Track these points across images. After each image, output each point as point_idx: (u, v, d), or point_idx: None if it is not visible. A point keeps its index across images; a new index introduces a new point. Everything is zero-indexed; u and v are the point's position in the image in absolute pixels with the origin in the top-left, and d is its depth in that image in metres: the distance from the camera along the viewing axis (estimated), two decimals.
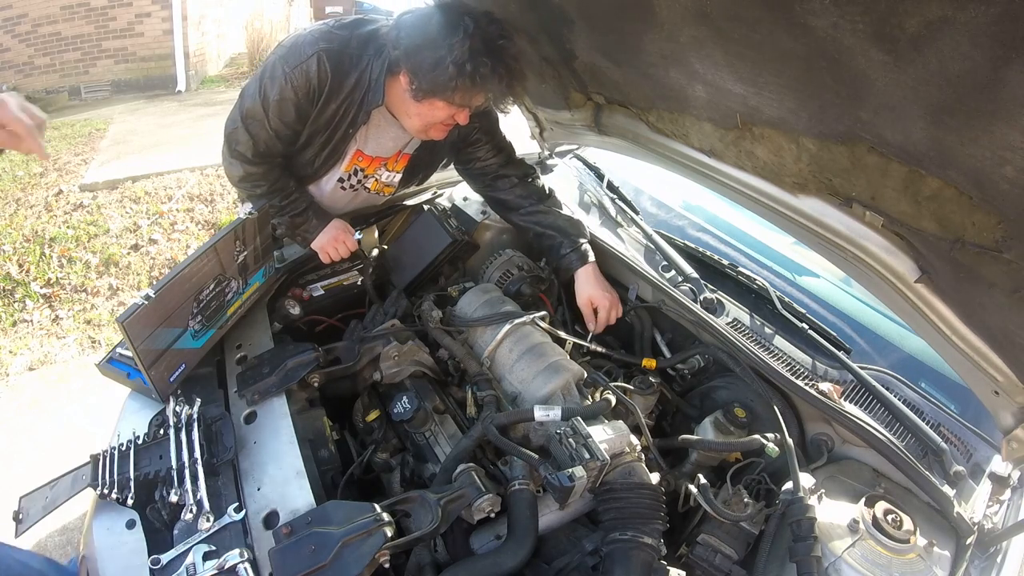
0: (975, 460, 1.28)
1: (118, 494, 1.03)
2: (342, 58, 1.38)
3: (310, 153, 1.56)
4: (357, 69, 1.40)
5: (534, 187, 1.77)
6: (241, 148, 1.49)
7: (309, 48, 1.37)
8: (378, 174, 1.72)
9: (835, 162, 1.04)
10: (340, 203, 1.77)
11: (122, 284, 3.62)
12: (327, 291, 1.68)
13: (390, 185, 1.78)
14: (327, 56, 1.36)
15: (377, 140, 1.60)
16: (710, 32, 0.98)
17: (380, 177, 1.73)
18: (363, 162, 1.64)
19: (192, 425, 1.11)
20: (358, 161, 1.63)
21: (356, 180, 1.69)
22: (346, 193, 1.73)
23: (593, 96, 1.70)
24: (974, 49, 0.65)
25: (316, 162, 1.58)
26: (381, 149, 1.63)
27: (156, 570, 0.95)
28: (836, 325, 1.57)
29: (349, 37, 1.40)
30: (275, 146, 1.50)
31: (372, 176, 1.71)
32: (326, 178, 1.66)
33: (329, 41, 1.38)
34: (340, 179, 1.67)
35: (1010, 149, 0.71)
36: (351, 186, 1.70)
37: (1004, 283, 0.91)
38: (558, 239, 1.68)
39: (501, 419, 1.18)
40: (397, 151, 1.67)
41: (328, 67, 1.37)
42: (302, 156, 1.58)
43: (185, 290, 1.20)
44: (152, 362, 1.16)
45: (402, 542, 0.95)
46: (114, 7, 7.16)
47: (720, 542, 1.10)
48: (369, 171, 1.68)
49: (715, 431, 1.33)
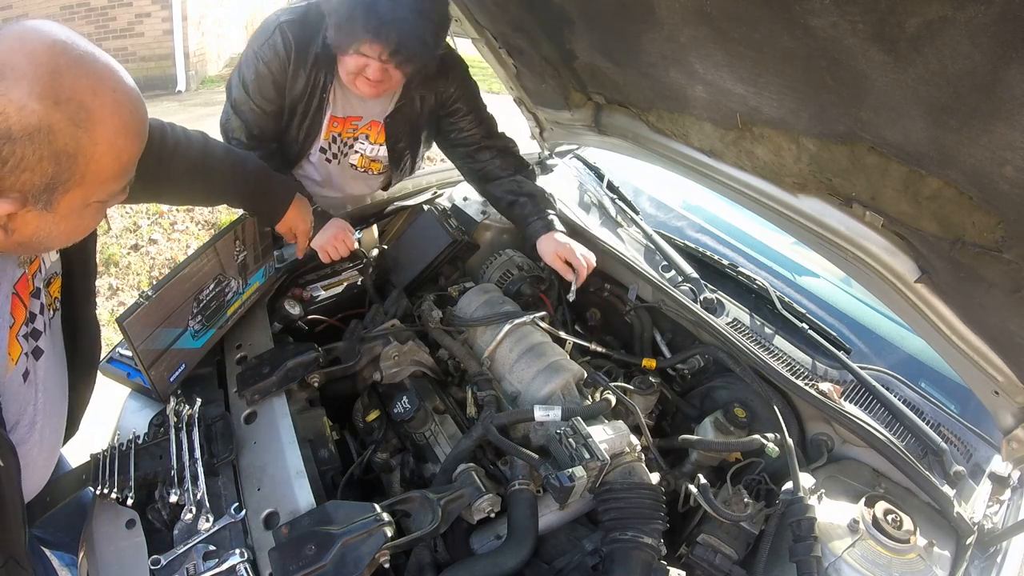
0: (975, 460, 1.28)
1: (118, 494, 1.03)
2: (304, 27, 1.48)
3: (294, 127, 1.64)
4: (319, 34, 1.47)
5: (513, 159, 1.79)
6: (236, 134, 1.59)
7: (272, 24, 1.48)
8: (360, 146, 1.76)
9: (835, 162, 1.04)
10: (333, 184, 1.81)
11: (122, 284, 3.62)
12: (327, 291, 1.68)
13: (377, 160, 1.80)
14: (288, 27, 1.47)
15: (346, 102, 1.66)
16: (710, 32, 0.98)
17: (364, 150, 1.77)
18: (338, 126, 1.69)
19: (192, 425, 1.11)
20: (334, 127, 1.69)
21: (337, 148, 1.74)
22: (333, 167, 1.78)
23: (593, 96, 1.70)
24: (974, 49, 0.65)
25: (300, 136, 1.66)
26: (351, 109, 1.68)
27: (156, 570, 0.95)
28: (836, 325, 1.57)
29: (307, 7, 1.49)
30: (266, 125, 1.60)
31: (354, 146, 1.75)
32: (311, 152, 1.73)
33: (291, 13, 1.49)
34: (322, 149, 1.72)
35: (1010, 149, 0.71)
36: (334, 155, 1.75)
37: (1004, 283, 0.91)
38: (529, 207, 1.69)
39: (501, 419, 1.18)
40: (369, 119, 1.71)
41: (291, 37, 1.47)
42: (288, 134, 1.66)
43: (185, 290, 1.20)
44: (152, 362, 1.16)
45: (402, 542, 0.95)
46: (114, 7, 7.15)
47: (720, 542, 1.10)
48: (345, 134, 1.71)
49: (715, 431, 1.33)
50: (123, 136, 0.74)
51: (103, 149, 0.72)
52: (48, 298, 0.97)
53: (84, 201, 0.76)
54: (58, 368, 1.02)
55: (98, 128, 0.70)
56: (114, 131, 0.73)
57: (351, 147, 1.76)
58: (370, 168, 1.82)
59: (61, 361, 1.03)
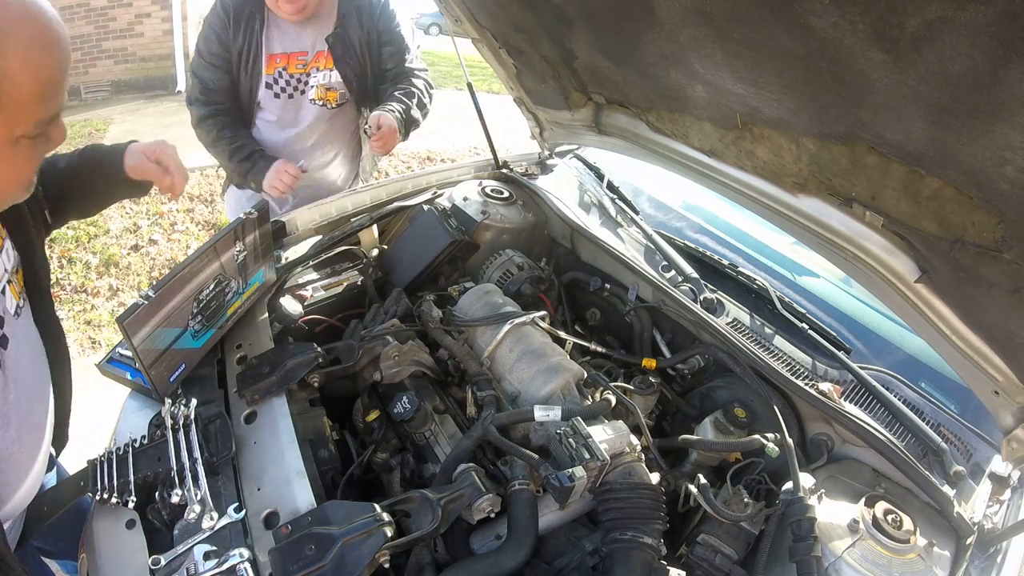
0: (975, 460, 1.28)
1: (119, 498, 1.03)
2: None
3: (241, 74, 1.83)
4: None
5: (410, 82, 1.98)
6: (194, 95, 1.86)
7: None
8: (314, 79, 1.87)
9: (835, 162, 1.04)
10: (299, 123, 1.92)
11: (122, 284, 3.62)
12: (327, 291, 1.68)
13: (332, 88, 1.91)
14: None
15: (284, 37, 1.82)
16: (710, 32, 0.98)
17: (318, 80, 1.88)
18: (281, 61, 1.84)
19: (190, 426, 1.11)
20: (276, 63, 1.84)
21: (285, 83, 1.86)
22: (285, 102, 1.88)
23: (593, 96, 1.70)
24: (974, 49, 0.65)
25: (245, 77, 1.83)
26: (291, 45, 1.83)
27: (156, 570, 0.94)
28: (836, 325, 1.57)
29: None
30: (216, 80, 1.83)
31: (308, 81, 1.87)
32: (260, 92, 1.86)
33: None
34: (268, 84, 1.86)
35: (1010, 149, 0.71)
36: (283, 90, 1.87)
37: (1004, 283, 0.91)
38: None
39: (501, 419, 1.18)
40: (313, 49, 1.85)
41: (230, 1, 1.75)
42: (239, 85, 1.86)
43: (185, 290, 1.20)
44: (152, 362, 1.16)
45: (402, 542, 0.95)
46: (114, 7, 7.15)
47: (720, 542, 1.10)
48: (293, 68, 1.83)
49: (715, 431, 1.33)
50: (37, 49, 0.68)
51: (16, 65, 0.66)
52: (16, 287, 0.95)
53: (9, 135, 0.71)
54: (34, 365, 1.00)
55: (8, 43, 0.65)
56: (27, 44, 0.67)
57: (306, 83, 1.87)
58: (327, 99, 1.91)
59: (38, 358, 1.02)
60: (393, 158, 6.00)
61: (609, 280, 1.75)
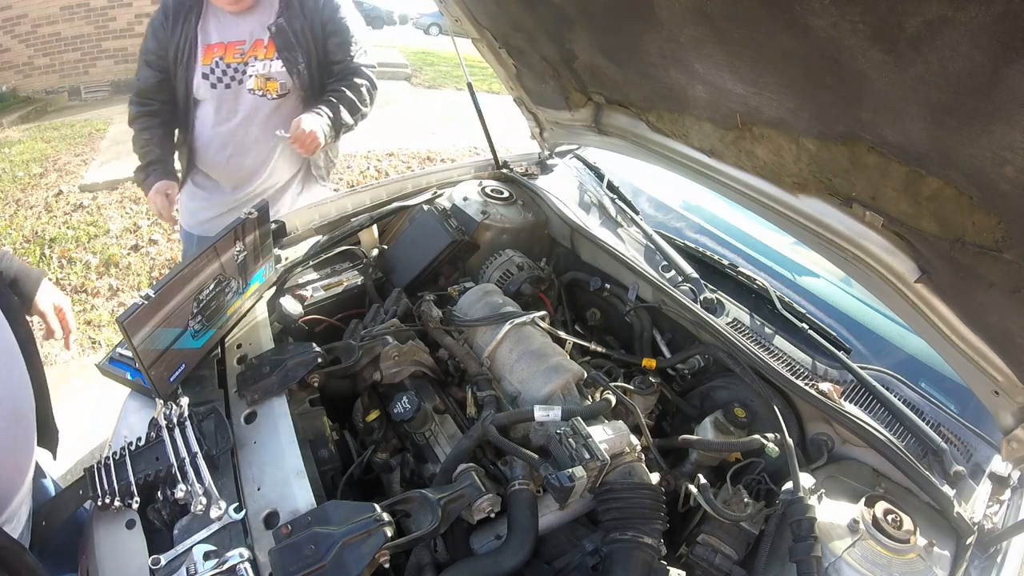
0: (975, 460, 1.28)
1: (121, 501, 1.03)
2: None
3: (179, 71, 1.82)
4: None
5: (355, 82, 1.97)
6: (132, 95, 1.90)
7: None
8: (252, 68, 1.83)
9: (835, 162, 1.04)
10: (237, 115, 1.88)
11: (122, 285, 3.62)
12: (327, 291, 1.68)
13: (272, 78, 1.86)
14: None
15: (222, 27, 1.80)
16: (710, 32, 0.98)
17: (257, 70, 1.84)
18: (218, 51, 1.81)
19: (185, 423, 1.11)
20: (213, 52, 1.81)
21: (222, 72, 1.83)
22: (222, 92, 1.85)
23: (593, 96, 1.70)
24: (974, 49, 0.65)
25: (184, 76, 1.82)
26: (229, 34, 1.81)
27: (156, 570, 0.94)
28: (836, 325, 1.57)
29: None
30: (148, 76, 1.85)
31: (247, 71, 1.83)
32: (196, 84, 1.84)
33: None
34: (204, 75, 1.83)
35: (1010, 149, 0.71)
36: (219, 80, 1.84)
37: (1004, 283, 0.91)
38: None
39: (501, 419, 1.18)
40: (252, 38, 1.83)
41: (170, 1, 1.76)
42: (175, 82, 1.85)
43: (185, 290, 1.20)
44: (152, 362, 1.16)
45: (402, 542, 0.95)
46: (114, 7, 7.16)
47: (720, 542, 1.10)
48: (230, 58, 1.81)
49: (715, 431, 1.33)
50: None
51: None
52: None
53: None
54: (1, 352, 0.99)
55: None
56: None
57: (244, 72, 1.84)
58: (267, 89, 1.86)
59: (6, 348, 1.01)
60: (393, 158, 6.00)
61: (609, 280, 1.75)
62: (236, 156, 1.95)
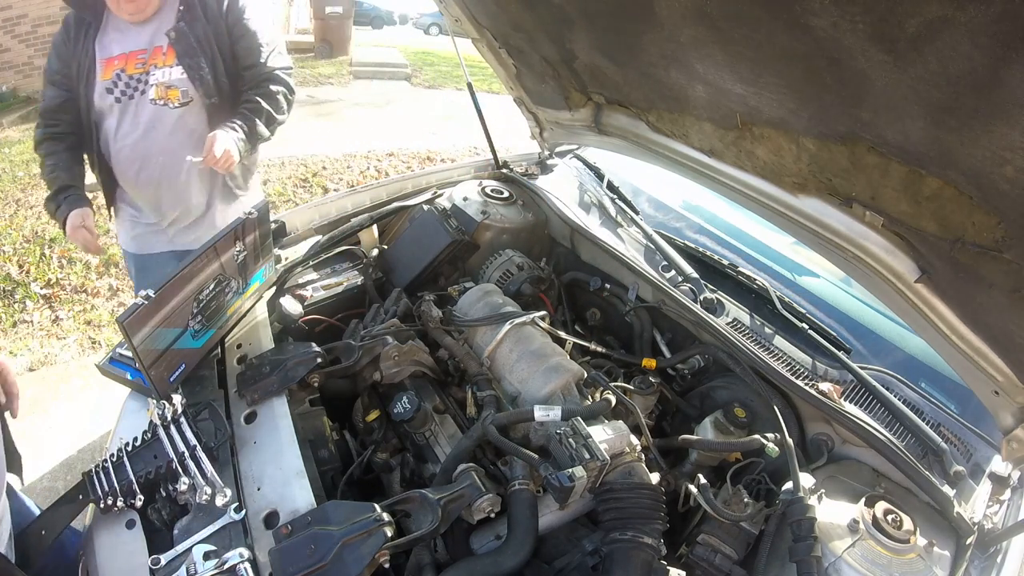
0: (975, 460, 1.28)
1: (124, 501, 1.03)
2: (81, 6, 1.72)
3: (82, 88, 1.75)
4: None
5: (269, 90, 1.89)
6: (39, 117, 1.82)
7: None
8: (154, 77, 1.75)
9: (835, 162, 1.04)
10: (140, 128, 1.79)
11: (122, 285, 3.62)
12: (327, 291, 1.68)
13: (173, 86, 1.77)
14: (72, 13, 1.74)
15: (122, 38, 1.74)
16: (710, 32, 0.98)
17: (158, 78, 1.75)
18: (119, 63, 1.74)
19: (180, 419, 1.12)
20: (114, 65, 1.74)
21: (125, 85, 1.75)
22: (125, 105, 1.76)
23: (593, 96, 1.70)
24: (974, 49, 0.65)
25: (86, 93, 1.75)
26: (129, 44, 1.74)
27: (156, 570, 0.94)
28: (836, 325, 1.57)
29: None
30: (52, 96, 1.78)
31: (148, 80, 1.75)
32: (99, 100, 1.75)
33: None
34: (108, 89, 1.74)
35: (1010, 149, 0.71)
36: (123, 93, 1.75)
37: (1004, 283, 0.91)
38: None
39: (501, 419, 1.18)
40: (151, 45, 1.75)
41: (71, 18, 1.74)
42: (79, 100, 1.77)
43: (185, 290, 1.20)
44: (152, 362, 1.15)
45: (402, 542, 0.95)
46: None
47: (720, 542, 1.10)
48: (131, 69, 1.74)
49: (715, 431, 1.33)
50: None
51: None
52: None
53: None
54: None
55: None
56: None
57: (146, 83, 1.76)
58: (169, 98, 1.77)
59: None
60: (393, 158, 6.00)
61: (609, 280, 1.75)
62: (144, 170, 1.84)
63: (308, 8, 11.10)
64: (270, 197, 4.70)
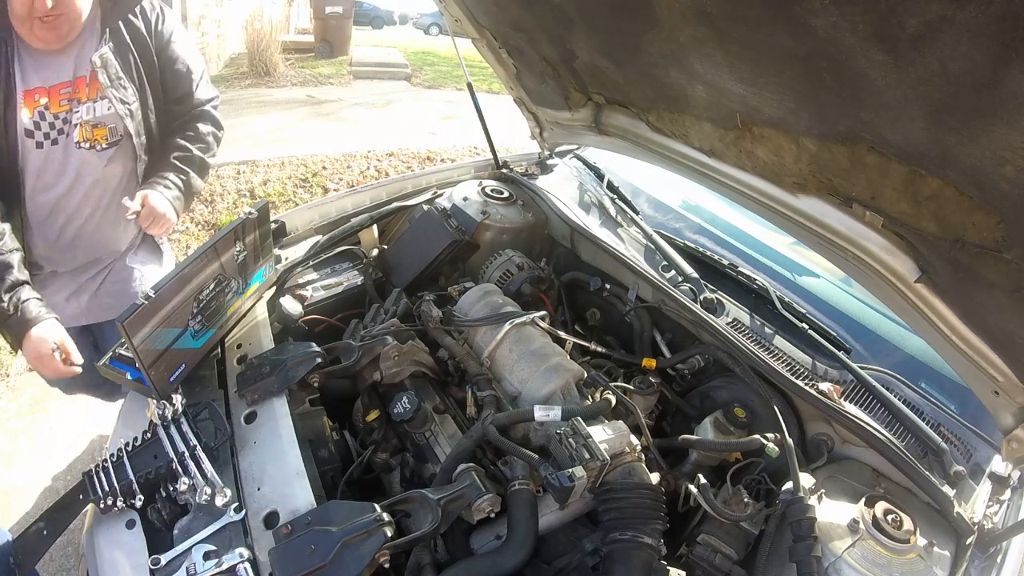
0: (975, 460, 1.28)
1: (124, 501, 1.03)
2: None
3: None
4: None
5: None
6: None
7: None
8: (78, 116, 1.49)
9: (835, 162, 1.04)
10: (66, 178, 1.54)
11: None
12: (327, 291, 1.68)
13: (100, 124, 1.53)
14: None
15: (44, 68, 1.45)
16: (710, 32, 0.98)
17: (82, 116, 1.50)
18: (41, 96, 1.45)
19: (179, 419, 1.12)
20: (36, 101, 1.45)
21: (49, 126, 1.47)
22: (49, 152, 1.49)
23: (593, 96, 1.70)
24: (974, 49, 0.65)
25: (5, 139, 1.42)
26: (54, 75, 1.46)
27: (156, 570, 0.95)
28: (836, 325, 1.57)
29: None
30: None
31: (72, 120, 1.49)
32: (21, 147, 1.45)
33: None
34: (28, 132, 1.45)
35: (1010, 149, 0.71)
36: (46, 136, 1.47)
37: (1004, 283, 0.91)
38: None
39: (501, 419, 1.18)
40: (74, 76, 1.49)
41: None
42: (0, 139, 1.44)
43: (185, 290, 1.20)
44: (152, 362, 1.16)
45: (402, 542, 0.95)
46: None
47: (720, 542, 1.10)
48: (56, 107, 1.46)
49: (715, 431, 1.33)
50: None
51: None
52: None
53: None
54: None
55: None
56: None
57: (70, 123, 1.50)
58: (95, 140, 1.53)
59: None
60: (393, 158, 6.00)
61: (609, 280, 1.75)
62: (68, 229, 1.60)
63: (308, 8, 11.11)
64: (270, 197, 4.70)
